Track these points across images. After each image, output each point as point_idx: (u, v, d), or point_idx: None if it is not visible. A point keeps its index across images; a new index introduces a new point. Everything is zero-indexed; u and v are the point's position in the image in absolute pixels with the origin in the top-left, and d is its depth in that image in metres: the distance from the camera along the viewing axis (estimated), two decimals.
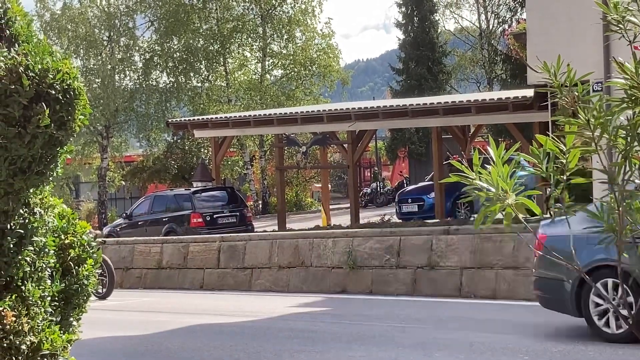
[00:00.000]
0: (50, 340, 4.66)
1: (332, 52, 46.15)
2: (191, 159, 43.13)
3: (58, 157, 4.46)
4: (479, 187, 3.85)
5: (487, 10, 50.84)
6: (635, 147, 3.70)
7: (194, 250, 20.13)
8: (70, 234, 5.02)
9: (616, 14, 3.70)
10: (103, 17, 44.02)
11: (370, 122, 25.85)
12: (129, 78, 44.96)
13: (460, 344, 10.31)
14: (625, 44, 3.77)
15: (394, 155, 49.87)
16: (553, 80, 3.84)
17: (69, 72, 4.33)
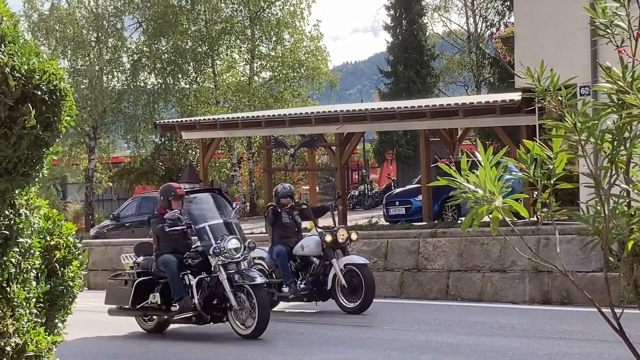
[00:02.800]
0: (35, 341, 4.65)
1: (321, 54, 46.15)
2: (179, 160, 43.06)
3: (44, 158, 4.44)
4: (466, 190, 3.86)
5: (476, 13, 50.94)
6: (621, 151, 3.71)
7: None
8: (56, 235, 5.00)
9: (604, 18, 3.71)
10: (91, 18, 43.91)
11: (358, 125, 25.85)
12: (117, 79, 44.87)
13: (447, 347, 10.32)
14: (613, 48, 3.78)
15: (382, 157, 49.90)
16: (536, 86, 3.85)
17: (55, 73, 4.32)
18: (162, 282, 12.61)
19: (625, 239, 3.77)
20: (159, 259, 12.62)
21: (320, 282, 14.13)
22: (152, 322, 12.98)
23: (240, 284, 11.78)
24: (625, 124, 3.66)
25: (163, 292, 12.54)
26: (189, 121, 30.80)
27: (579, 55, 15.88)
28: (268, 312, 11.71)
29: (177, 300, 12.25)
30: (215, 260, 11.99)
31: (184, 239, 12.82)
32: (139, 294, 12.70)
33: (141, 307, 12.74)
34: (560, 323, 11.85)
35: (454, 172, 3.86)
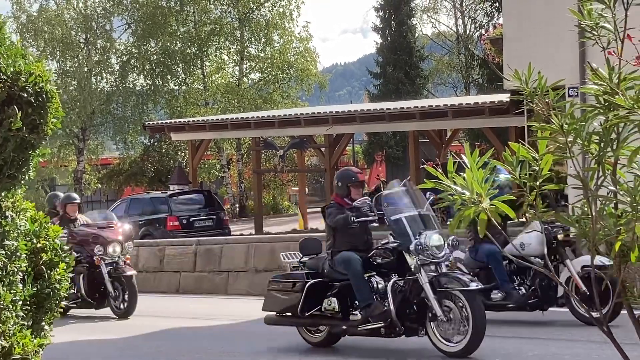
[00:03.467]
0: (21, 344, 4.63)
1: (310, 55, 46.16)
2: (168, 162, 43.01)
3: (30, 161, 4.43)
4: (453, 192, 3.86)
5: (464, 15, 51.01)
6: (608, 153, 3.71)
7: (170, 253, 20.05)
8: (43, 237, 4.99)
9: (590, 20, 3.71)
10: (80, 19, 43.83)
11: (348, 126, 25.88)
12: (106, 80, 44.80)
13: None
14: (600, 49, 3.79)
15: (371, 159, 49.90)
16: (524, 88, 3.85)
17: (42, 75, 4.30)
18: (338, 285, 10.65)
19: (613, 240, 3.78)
20: (336, 257, 10.64)
21: (545, 288, 11.75)
22: (320, 334, 10.99)
23: (447, 289, 9.75)
24: (612, 125, 3.66)
25: (339, 297, 10.64)
26: (178, 122, 30.79)
27: (567, 56, 15.92)
28: (484, 325, 9.63)
29: (363, 307, 10.28)
30: (415, 259, 10.03)
31: (365, 234, 10.95)
32: (309, 300, 10.72)
33: (310, 314, 10.75)
34: (549, 323, 11.86)
35: (440, 174, 3.87)
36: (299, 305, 10.69)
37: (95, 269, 14.93)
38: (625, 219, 3.70)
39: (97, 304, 15.08)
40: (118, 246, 15.05)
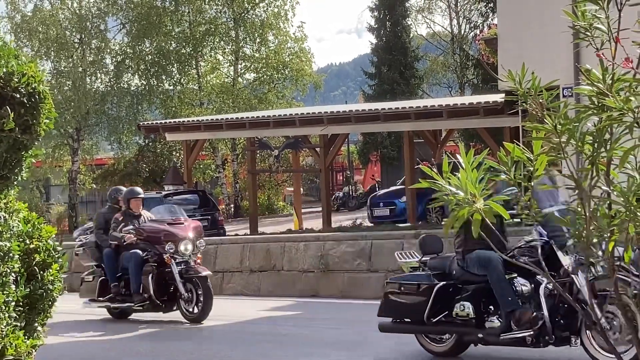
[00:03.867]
0: (14, 345, 4.62)
1: (305, 55, 46.15)
2: (163, 162, 42.97)
3: (23, 161, 4.42)
4: (448, 192, 3.86)
5: (459, 15, 51.05)
6: (601, 153, 3.72)
7: None
8: (36, 238, 4.97)
9: (583, 21, 3.71)
10: (74, 20, 43.77)
11: (343, 126, 25.88)
12: (100, 80, 44.73)
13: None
14: (594, 50, 3.79)
15: (366, 159, 49.94)
16: (518, 88, 3.85)
17: (35, 76, 4.29)
18: (471, 288, 9.63)
19: (607, 241, 3.78)
20: (469, 256, 9.60)
21: None
22: (445, 343, 10.02)
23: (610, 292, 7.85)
24: (605, 126, 3.66)
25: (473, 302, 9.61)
26: (173, 123, 30.77)
27: (562, 57, 15.94)
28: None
29: (508, 313, 9.22)
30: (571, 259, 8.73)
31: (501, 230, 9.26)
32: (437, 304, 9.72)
33: (438, 321, 9.74)
34: None
35: (435, 174, 3.87)
36: (425, 310, 9.68)
37: (164, 269, 13.94)
38: (618, 219, 3.71)
39: (165, 307, 14.09)
40: (190, 244, 13.97)
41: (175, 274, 13.68)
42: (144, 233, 14.29)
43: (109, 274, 14.67)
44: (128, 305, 14.38)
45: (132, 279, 14.20)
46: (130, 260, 14.19)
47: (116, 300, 14.59)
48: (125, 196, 14.84)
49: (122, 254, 14.44)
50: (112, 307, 14.76)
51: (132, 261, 14.15)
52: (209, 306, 13.54)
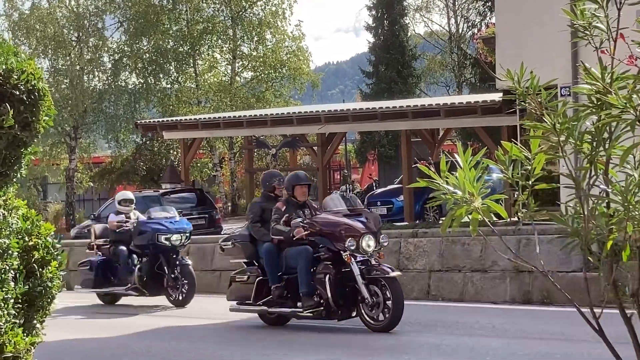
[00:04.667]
0: (13, 342, 4.62)
1: (303, 54, 46.13)
2: (160, 160, 42.93)
3: (22, 158, 4.42)
4: (446, 191, 3.86)
5: (457, 14, 51.05)
6: (600, 152, 3.72)
7: None
8: (35, 235, 4.97)
9: (583, 20, 3.72)
10: (72, 18, 43.73)
11: (340, 125, 25.87)
12: (98, 79, 44.70)
13: (428, 347, 10.33)
14: (593, 49, 3.80)
15: (364, 158, 49.93)
16: (516, 88, 3.86)
17: (34, 73, 4.30)
18: None
19: (605, 239, 3.79)
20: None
21: None
22: None
23: None
24: (604, 124, 3.67)
25: None
26: (171, 121, 30.75)
27: (560, 56, 15.94)
28: None
29: None
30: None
31: None
32: None
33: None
34: (541, 323, 11.89)
35: (433, 173, 3.87)
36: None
37: (340, 268, 12.01)
38: (617, 218, 3.71)
39: (342, 314, 12.05)
40: (372, 239, 11.95)
41: (356, 274, 11.69)
42: (316, 226, 12.21)
43: (270, 274, 12.51)
44: (293, 311, 12.35)
45: (301, 280, 12.03)
46: (299, 258, 12.11)
47: (276, 304, 12.55)
48: (290, 182, 12.82)
49: (286, 250, 12.39)
50: (269, 312, 12.76)
51: (303, 259, 12.07)
52: (399, 312, 11.55)
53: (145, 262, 16.15)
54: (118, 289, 16.57)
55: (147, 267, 16.06)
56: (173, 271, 15.85)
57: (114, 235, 16.93)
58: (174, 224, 16.30)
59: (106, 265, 16.91)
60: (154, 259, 16.10)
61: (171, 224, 16.28)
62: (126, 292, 16.34)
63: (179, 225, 16.35)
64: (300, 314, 12.15)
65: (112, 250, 16.86)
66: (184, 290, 15.88)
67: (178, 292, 15.86)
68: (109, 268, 16.88)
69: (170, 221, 16.36)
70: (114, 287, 16.72)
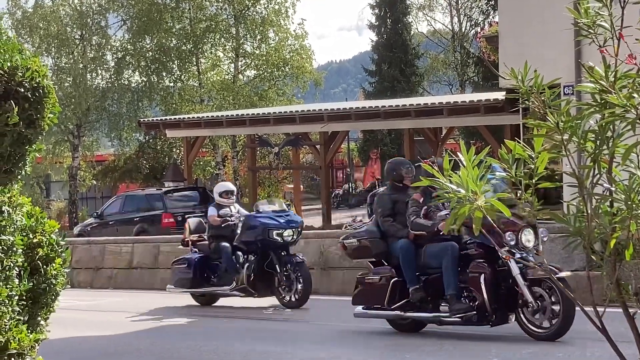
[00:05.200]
0: (17, 339, 4.63)
1: (305, 53, 46.12)
2: (163, 158, 42.96)
3: (27, 156, 4.43)
4: (448, 190, 3.87)
5: (460, 12, 51.05)
6: (603, 151, 3.72)
7: (165, 250, 20.04)
8: (39, 232, 4.98)
9: (586, 18, 3.72)
10: (75, 16, 43.77)
11: (343, 124, 25.88)
12: (101, 77, 44.74)
13: (431, 346, 10.34)
14: (596, 48, 3.80)
15: (366, 156, 49.93)
16: (520, 86, 3.86)
17: (39, 70, 4.31)
18: None
19: (608, 238, 3.79)
20: None
21: None
22: None
23: None
24: (607, 123, 3.67)
25: None
26: (174, 119, 30.78)
27: (563, 55, 15.94)
28: None
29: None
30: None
31: None
32: None
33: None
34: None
35: (436, 172, 3.88)
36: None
37: (496, 266, 10.63)
38: (620, 216, 3.72)
39: (497, 318, 10.60)
40: (532, 233, 10.57)
41: (515, 274, 10.33)
42: None
43: (408, 274, 11.23)
44: (436, 316, 11.04)
45: (448, 281, 10.79)
46: (443, 256, 10.85)
47: (414, 308, 11.27)
48: None
49: (425, 247, 11.15)
50: (404, 317, 11.44)
51: (448, 257, 10.80)
52: (570, 319, 10.05)
53: (254, 260, 14.81)
54: (221, 289, 15.22)
55: (255, 265, 14.73)
56: (285, 269, 14.49)
57: (214, 230, 15.43)
58: (285, 218, 14.91)
59: (205, 263, 15.55)
60: (263, 257, 14.77)
61: (281, 217, 14.87)
62: (230, 293, 15.05)
63: (290, 219, 15.00)
64: (445, 318, 10.85)
65: (213, 247, 15.35)
66: (298, 290, 14.42)
67: (292, 293, 14.46)
68: (208, 266, 15.54)
69: (280, 215, 14.96)
70: (214, 287, 15.40)
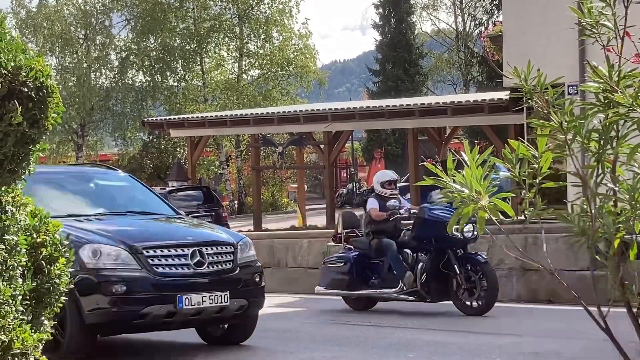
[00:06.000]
0: (21, 339, 4.63)
1: (309, 52, 46.16)
2: (167, 158, 43.02)
3: (30, 155, 4.43)
4: (453, 190, 3.87)
5: (464, 12, 51.03)
6: (607, 151, 3.72)
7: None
8: (43, 232, 4.99)
9: (590, 18, 3.72)
10: (79, 15, 43.83)
11: (347, 123, 25.87)
12: (105, 76, 44.84)
13: (434, 345, 10.33)
14: (600, 47, 3.80)
15: (370, 156, 49.97)
16: (523, 85, 3.86)
17: (42, 70, 4.31)
18: None
19: (612, 238, 3.79)
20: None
21: None
22: None
23: None
24: (611, 122, 3.67)
25: None
26: (177, 119, 30.78)
27: (567, 54, 15.93)
28: None
29: None
30: None
31: None
32: None
33: None
34: (548, 321, 11.88)
35: (440, 171, 3.87)
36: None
37: None
38: (624, 216, 3.71)
39: None
40: None
41: None
42: None
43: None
44: None
45: None
46: None
47: None
48: None
49: None
50: None
51: None
52: None
53: (427, 259, 12.80)
54: (384, 292, 13.22)
55: (429, 265, 12.68)
56: (465, 270, 12.48)
57: (375, 225, 13.43)
58: None
59: (363, 263, 13.60)
60: (438, 255, 12.73)
61: None
62: (397, 297, 13.10)
63: None
64: None
65: (375, 244, 13.31)
66: (481, 294, 12.38)
67: (474, 298, 12.44)
68: (367, 266, 13.59)
69: None
70: (375, 290, 13.38)
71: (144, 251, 9.08)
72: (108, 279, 8.91)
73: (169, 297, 9.10)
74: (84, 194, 10.78)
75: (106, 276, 8.92)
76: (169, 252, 9.23)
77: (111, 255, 8.97)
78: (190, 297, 9.18)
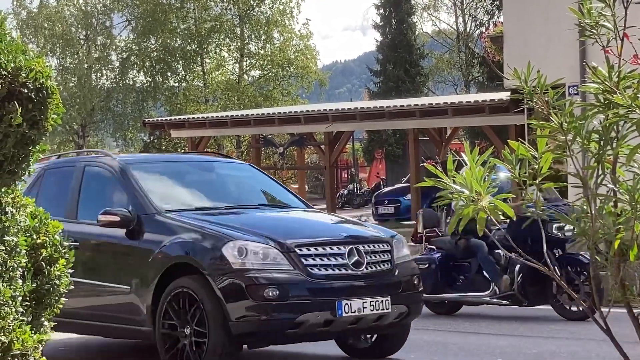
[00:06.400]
0: (21, 340, 4.63)
1: (310, 53, 46.18)
2: None
3: (30, 157, 4.44)
4: (453, 190, 3.87)
5: (465, 12, 51.03)
6: (607, 151, 3.72)
7: None
8: (42, 233, 4.99)
9: (589, 19, 3.72)
10: (80, 16, 43.85)
11: (348, 124, 25.86)
12: (106, 77, 44.86)
13: (435, 345, 10.33)
14: (600, 48, 3.80)
15: (371, 156, 49.94)
16: (523, 87, 3.86)
17: (42, 71, 4.31)
18: None
19: (612, 239, 3.79)
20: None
21: None
22: None
23: None
24: (611, 123, 3.67)
25: None
26: (178, 119, 30.78)
27: (567, 55, 15.93)
28: None
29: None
30: None
31: None
32: None
33: None
34: (548, 322, 11.87)
35: (440, 172, 3.87)
36: None
37: None
38: (624, 217, 3.71)
39: None
40: None
41: None
42: None
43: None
44: None
45: None
46: None
47: None
48: None
49: None
50: None
51: None
52: None
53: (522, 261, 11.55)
54: (474, 295, 12.29)
55: (525, 266, 11.58)
56: (566, 272, 11.45)
57: None
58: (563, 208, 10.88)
59: (448, 264, 12.72)
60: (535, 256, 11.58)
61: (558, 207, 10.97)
62: (489, 301, 12.18)
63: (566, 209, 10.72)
64: None
65: (463, 244, 12.43)
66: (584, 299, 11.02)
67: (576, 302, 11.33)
68: (452, 267, 12.74)
69: (557, 204, 11.29)
70: (463, 293, 12.43)
71: (296, 249, 7.98)
72: (258, 282, 7.79)
73: (328, 303, 7.95)
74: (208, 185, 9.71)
75: (255, 278, 7.80)
76: (324, 251, 8.09)
77: (259, 254, 7.88)
78: (350, 303, 8.00)
